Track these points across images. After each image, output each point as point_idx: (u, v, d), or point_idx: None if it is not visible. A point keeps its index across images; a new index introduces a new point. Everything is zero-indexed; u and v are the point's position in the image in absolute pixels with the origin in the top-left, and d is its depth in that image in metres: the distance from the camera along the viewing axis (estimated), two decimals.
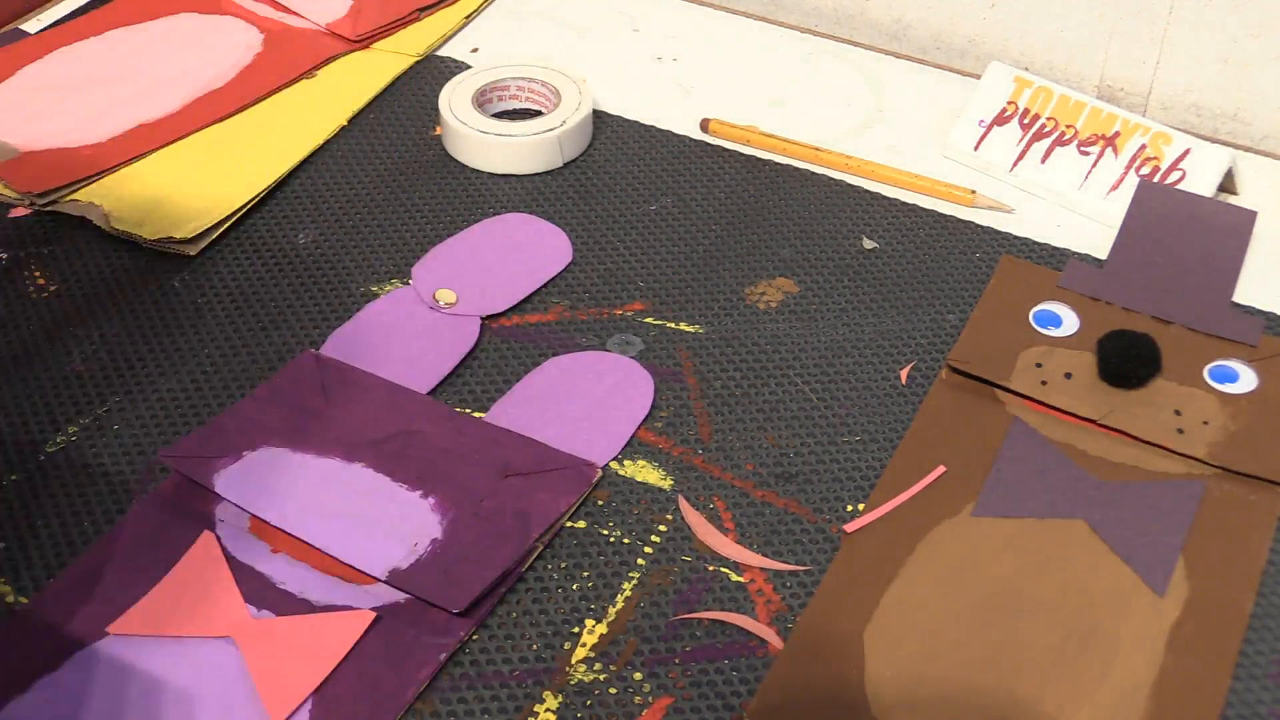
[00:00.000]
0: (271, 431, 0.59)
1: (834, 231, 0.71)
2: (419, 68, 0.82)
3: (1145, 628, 0.52)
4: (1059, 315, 0.64)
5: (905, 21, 0.88)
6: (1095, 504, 0.56)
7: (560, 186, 0.74)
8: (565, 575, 0.54)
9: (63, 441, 0.59)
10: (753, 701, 0.49)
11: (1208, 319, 0.64)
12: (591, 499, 0.57)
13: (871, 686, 0.50)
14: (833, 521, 0.56)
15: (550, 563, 0.55)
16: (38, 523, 0.55)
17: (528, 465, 0.57)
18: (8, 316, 0.65)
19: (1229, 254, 0.67)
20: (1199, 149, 0.72)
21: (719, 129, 0.77)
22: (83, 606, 0.52)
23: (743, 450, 0.59)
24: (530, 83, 0.78)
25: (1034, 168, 0.74)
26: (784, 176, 0.74)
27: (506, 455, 0.58)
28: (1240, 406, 0.60)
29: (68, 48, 0.82)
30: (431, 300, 0.66)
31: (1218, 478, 0.57)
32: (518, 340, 0.64)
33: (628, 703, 0.50)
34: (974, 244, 0.70)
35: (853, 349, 0.64)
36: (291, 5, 0.86)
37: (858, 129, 0.78)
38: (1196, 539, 0.55)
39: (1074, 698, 0.49)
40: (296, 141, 0.76)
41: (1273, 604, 0.53)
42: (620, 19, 0.87)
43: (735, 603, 0.53)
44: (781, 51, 0.84)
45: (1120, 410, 0.59)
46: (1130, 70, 0.82)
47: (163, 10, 0.85)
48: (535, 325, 0.65)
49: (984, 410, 0.60)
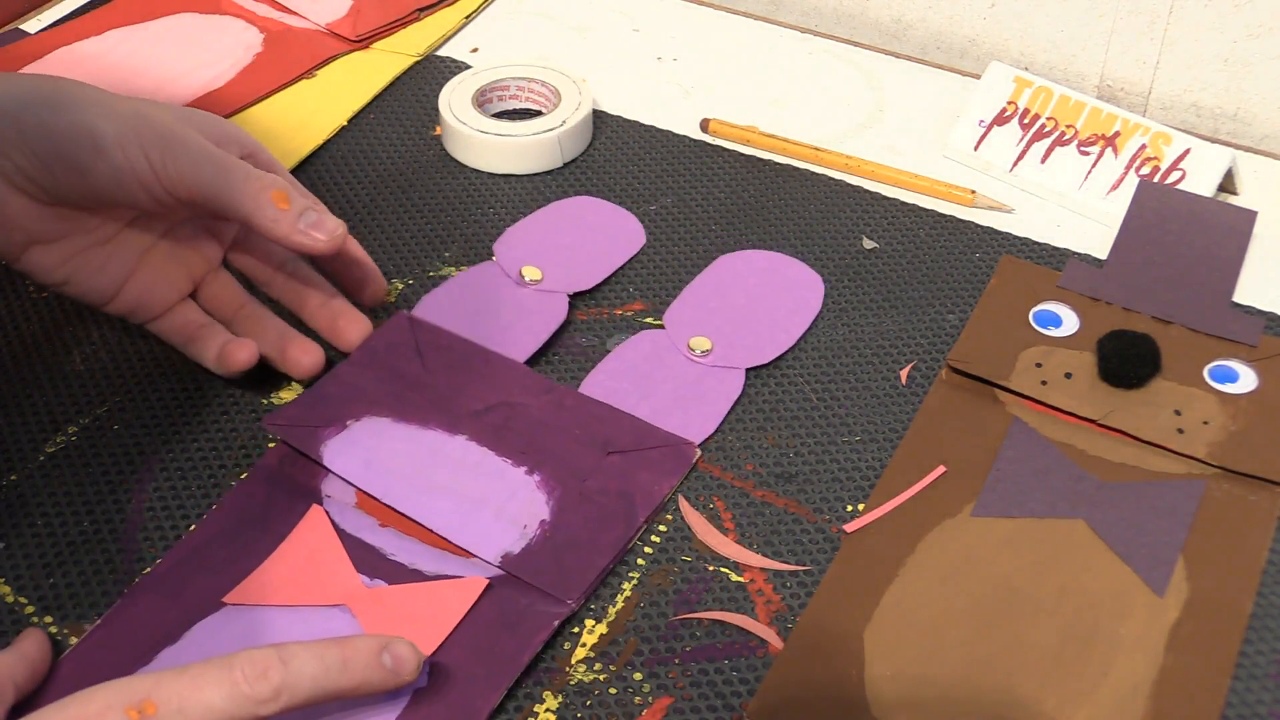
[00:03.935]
0: (373, 400, 0.59)
1: (834, 231, 0.71)
2: (419, 68, 0.82)
3: (1145, 628, 0.52)
4: (1059, 315, 0.64)
5: (905, 21, 0.88)
6: (1095, 504, 0.56)
7: (560, 186, 0.74)
8: None
9: (63, 441, 0.59)
10: (753, 701, 0.49)
11: (1208, 319, 0.64)
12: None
13: (871, 686, 0.50)
14: (833, 521, 0.56)
15: None
16: (38, 522, 0.56)
17: (628, 443, 0.57)
18: (8, 316, 0.65)
19: (1229, 254, 0.67)
20: (1199, 149, 0.72)
21: (719, 129, 0.77)
22: (196, 578, 0.52)
23: (743, 450, 0.59)
24: (530, 83, 0.78)
25: (1034, 168, 0.74)
26: (784, 176, 0.74)
27: (607, 431, 0.58)
28: (1240, 406, 0.60)
29: (68, 48, 0.82)
30: (518, 276, 0.66)
31: (1218, 478, 0.57)
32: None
33: (628, 703, 0.50)
34: (974, 244, 0.70)
35: (853, 349, 0.64)
36: (291, 5, 0.86)
37: (858, 129, 0.78)
38: (1196, 539, 0.55)
39: (1074, 698, 0.49)
40: (296, 141, 0.76)
41: (1273, 604, 0.53)
42: (620, 19, 0.87)
43: (735, 603, 0.53)
44: (781, 51, 0.84)
45: (1120, 410, 0.59)
46: (1130, 70, 0.82)
47: (163, 10, 0.85)
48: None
49: (984, 410, 0.60)
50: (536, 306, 0.64)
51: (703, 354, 0.62)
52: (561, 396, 0.59)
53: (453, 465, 0.56)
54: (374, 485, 0.55)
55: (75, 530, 0.55)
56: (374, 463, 0.56)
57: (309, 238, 0.55)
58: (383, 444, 0.57)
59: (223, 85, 0.79)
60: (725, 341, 0.63)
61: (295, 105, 0.78)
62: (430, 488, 0.55)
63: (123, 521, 0.56)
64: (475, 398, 0.59)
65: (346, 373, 0.60)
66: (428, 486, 0.55)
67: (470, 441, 0.57)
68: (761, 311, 0.65)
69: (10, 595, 0.53)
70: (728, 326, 0.64)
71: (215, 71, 0.80)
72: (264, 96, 0.79)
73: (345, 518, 0.55)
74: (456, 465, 0.56)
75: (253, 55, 0.82)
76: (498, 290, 0.65)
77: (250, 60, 0.81)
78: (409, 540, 0.54)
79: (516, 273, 0.66)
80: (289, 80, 0.80)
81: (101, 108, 0.55)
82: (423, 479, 0.56)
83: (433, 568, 0.53)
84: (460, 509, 0.55)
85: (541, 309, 0.64)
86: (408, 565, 0.53)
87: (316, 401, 0.59)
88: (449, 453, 0.57)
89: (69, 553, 0.54)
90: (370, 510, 0.55)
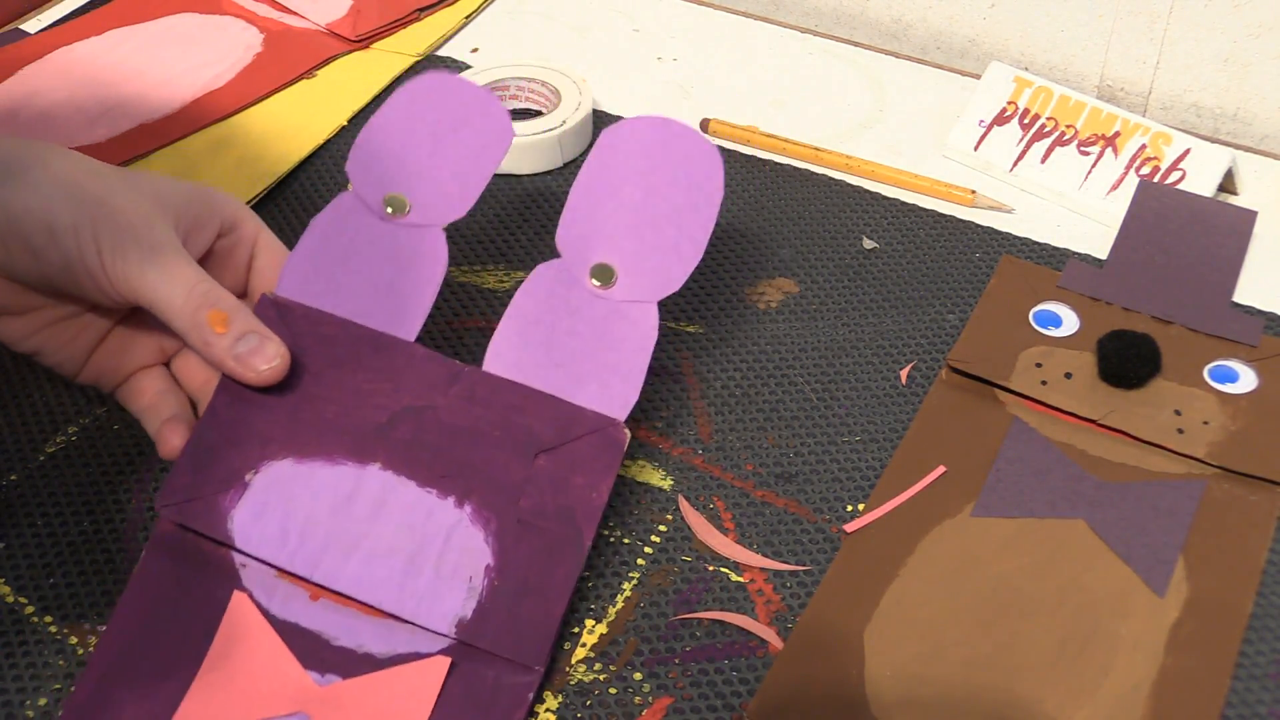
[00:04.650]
0: (265, 437, 0.52)
1: (834, 231, 0.71)
2: (419, 68, 0.82)
3: (1145, 628, 0.52)
4: (1059, 315, 0.64)
5: (905, 21, 0.88)
6: (1095, 504, 0.56)
7: (560, 186, 0.74)
8: None
9: (63, 441, 0.59)
10: (753, 701, 0.49)
11: (1208, 319, 0.64)
12: None
13: (871, 686, 0.50)
14: (833, 521, 0.56)
15: None
16: (38, 522, 0.56)
17: (553, 436, 0.52)
18: None
19: (1229, 254, 0.67)
20: (1199, 149, 0.72)
21: (719, 129, 0.77)
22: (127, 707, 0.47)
23: (743, 450, 0.59)
24: (530, 83, 0.78)
25: (1034, 168, 0.74)
26: (784, 176, 0.75)
27: (528, 422, 0.52)
28: (1240, 406, 0.60)
29: (68, 48, 0.82)
30: (381, 209, 0.56)
31: (1218, 478, 0.57)
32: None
33: (628, 703, 0.50)
34: (974, 244, 0.70)
35: (853, 349, 0.64)
36: (291, 5, 0.86)
37: (858, 129, 0.78)
38: (1196, 539, 0.55)
39: (1074, 698, 0.49)
40: (296, 141, 0.76)
41: (1273, 604, 0.53)
42: (620, 19, 0.87)
43: (735, 603, 0.53)
44: (781, 51, 0.84)
45: (1120, 410, 0.59)
46: (1130, 70, 0.82)
47: (163, 10, 0.86)
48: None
49: (984, 410, 0.60)
50: (411, 250, 0.55)
51: (606, 287, 0.55)
52: (471, 384, 0.52)
53: (374, 508, 0.50)
54: (298, 561, 0.50)
55: (75, 530, 0.55)
56: (289, 530, 0.50)
57: (244, 366, 0.51)
58: (292, 500, 0.50)
59: (223, 85, 0.79)
60: (629, 263, 0.55)
61: (295, 105, 0.78)
62: (358, 547, 0.50)
63: (123, 521, 0.56)
64: (376, 405, 0.52)
65: (224, 407, 0.52)
66: (354, 546, 0.50)
67: (386, 471, 0.51)
68: (660, 211, 0.56)
69: (10, 595, 0.53)
70: (628, 240, 0.55)
71: (215, 71, 0.80)
72: (264, 96, 0.79)
73: (272, 597, 0.50)
74: (378, 508, 0.50)
75: (253, 55, 0.82)
76: (364, 233, 0.55)
77: (250, 60, 0.81)
78: (348, 614, 0.49)
79: (379, 204, 0.56)
80: (289, 80, 0.80)
81: (64, 189, 0.51)
82: (347, 537, 0.50)
83: (383, 648, 0.48)
84: (397, 572, 0.49)
85: (417, 254, 0.55)
86: (356, 650, 0.48)
87: (203, 456, 0.51)
88: (367, 493, 0.51)
89: (69, 553, 0.54)
90: (296, 580, 0.50)
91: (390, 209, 0.56)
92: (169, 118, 0.76)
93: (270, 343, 0.51)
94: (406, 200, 0.56)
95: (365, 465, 0.51)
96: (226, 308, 0.51)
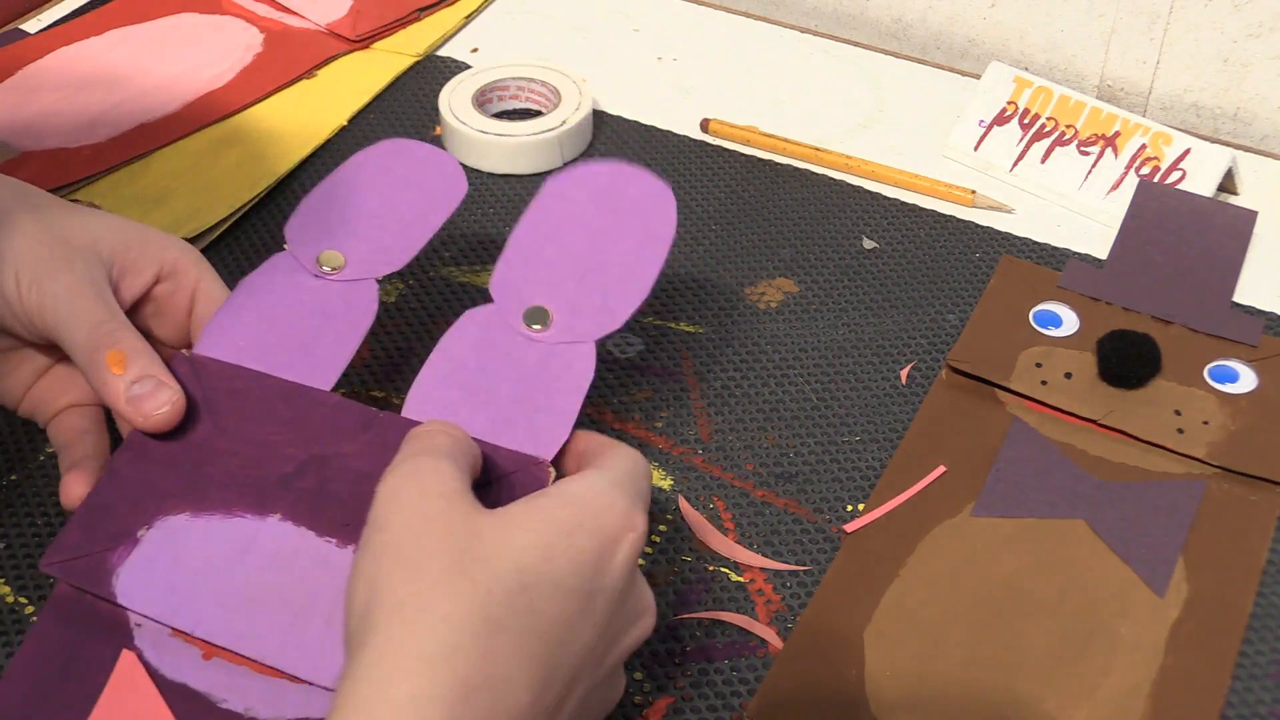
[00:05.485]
0: (164, 492, 0.49)
1: (834, 231, 0.71)
2: (419, 68, 0.82)
3: (1145, 628, 0.52)
4: (1059, 315, 0.64)
5: (905, 21, 0.88)
6: (1095, 504, 0.56)
7: None
8: None
9: None
10: (753, 701, 0.49)
11: (1208, 319, 0.64)
12: None
13: (871, 686, 0.50)
14: (833, 521, 0.56)
15: None
16: (38, 522, 0.55)
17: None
18: None
19: (1229, 254, 0.67)
20: (1199, 149, 0.72)
21: (719, 129, 0.77)
22: None
23: (743, 450, 0.59)
24: (530, 83, 0.78)
25: (1034, 168, 0.74)
26: (784, 176, 0.75)
27: None
28: (1240, 406, 0.60)
29: (68, 48, 0.82)
30: (314, 266, 0.55)
31: (1218, 478, 0.57)
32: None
33: (627, 703, 0.50)
34: (974, 244, 0.70)
35: (853, 349, 0.64)
36: (291, 5, 0.86)
37: (858, 129, 0.78)
38: (1196, 539, 0.55)
39: (1074, 698, 0.49)
40: (296, 141, 0.76)
41: (1273, 604, 0.53)
42: (620, 19, 0.87)
43: (735, 603, 0.53)
44: (781, 51, 0.84)
45: (1120, 410, 0.59)
46: (1130, 70, 0.82)
47: (163, 10, 0.86)
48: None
49: (984, 410, 0.60)
50: (340, 303, 0.54)
51: (541, 329, 0.53)
52: (383, 431, 0.49)
53: (267, 561, 0.47)
54: (182, 616, 0.46)
55: None
56: (177, 585, 0.47)
57: (135, 409, 0.49)
58: (184, 555, 0.48)
59: (223, 85, 0.79)
60: (567, 305, 0.53)
61: (295, 105, 0.78)
62: (248, 601, 0.47)
63: None
64: (283, 456, 0.49)
65: (125, 465, 0.50)
66: (244, 600, 0.47)
67: (285, 522, 0.48)
68: (605, 252, 0.54)
69: (10, 595, 0.53)
70: (568, 283, 0.54)
71: (215, 71, 0.80)
72: (264, 96, 0.79)
73: (163, 656, 0.47)
74: (270, 560, 0.47)
75: (253, 55, 0.82)
76: (293, 290, 0.54)
77: (250, 60, 0.81)
78: (240, 674, 0.46)
79: (313, 262, 0.55)
80: (289, 80, 0.80)
81: (7, 227, 0.50)
82: (236, 590, 0.47)
83: (269, 712, 0.45)
84: (285, 625, 0.46)
85: (346, 306, 0.54)
86: (242, 714, 0.45)
87: (96, 515, 0.49)
88: (262, 544, 0.48)
89: None
90: (189, 638, 0.47)
91: (325, 266, 0.55)
92: (169, 118, 0.76)
93: (166, 389, 0.50)
94: (341, 256, 0.55)
95: (265, 517, 0.49)
96: (126, 349, 0.50)
